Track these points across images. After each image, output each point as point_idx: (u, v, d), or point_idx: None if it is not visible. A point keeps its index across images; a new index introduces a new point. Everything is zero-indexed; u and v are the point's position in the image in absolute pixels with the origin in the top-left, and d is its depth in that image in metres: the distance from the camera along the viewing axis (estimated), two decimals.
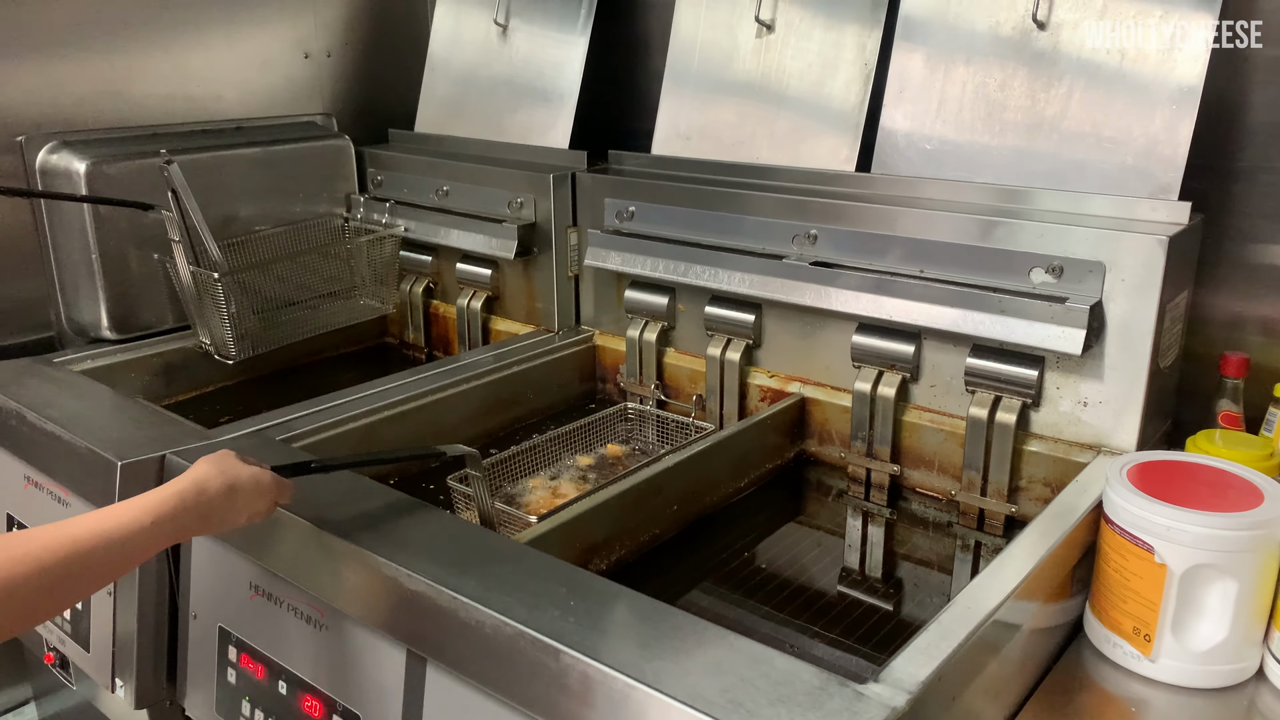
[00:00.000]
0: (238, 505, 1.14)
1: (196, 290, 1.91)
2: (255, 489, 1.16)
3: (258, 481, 1.16)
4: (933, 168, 1.67)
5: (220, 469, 1.14)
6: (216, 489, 1.12)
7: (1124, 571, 1.21)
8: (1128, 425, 1.46)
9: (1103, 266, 1.42)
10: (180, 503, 1.08)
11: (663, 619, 1.05)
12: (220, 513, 1.13)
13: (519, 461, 1.69)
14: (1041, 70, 1.58)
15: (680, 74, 2.01)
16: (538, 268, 2.09)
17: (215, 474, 1.13)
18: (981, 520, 1.59)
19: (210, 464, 1.15)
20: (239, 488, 1.14)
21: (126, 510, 1.04)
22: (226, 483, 1.13)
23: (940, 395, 1.63)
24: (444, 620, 1.08)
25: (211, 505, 1.11)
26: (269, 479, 1.18)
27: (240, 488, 1.14)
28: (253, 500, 1.16)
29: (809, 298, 1.66)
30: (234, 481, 1.13)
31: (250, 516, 1.17)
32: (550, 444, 1.75)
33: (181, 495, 1.09)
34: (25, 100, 1.90)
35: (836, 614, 1.39)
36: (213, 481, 1.12)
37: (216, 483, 1.12)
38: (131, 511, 1.04)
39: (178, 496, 1.08)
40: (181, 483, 1.11)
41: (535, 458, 1.72)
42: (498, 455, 1.66)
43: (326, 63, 2.40)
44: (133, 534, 1.03)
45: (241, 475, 1.15)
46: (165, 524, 1.06)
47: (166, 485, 1.10)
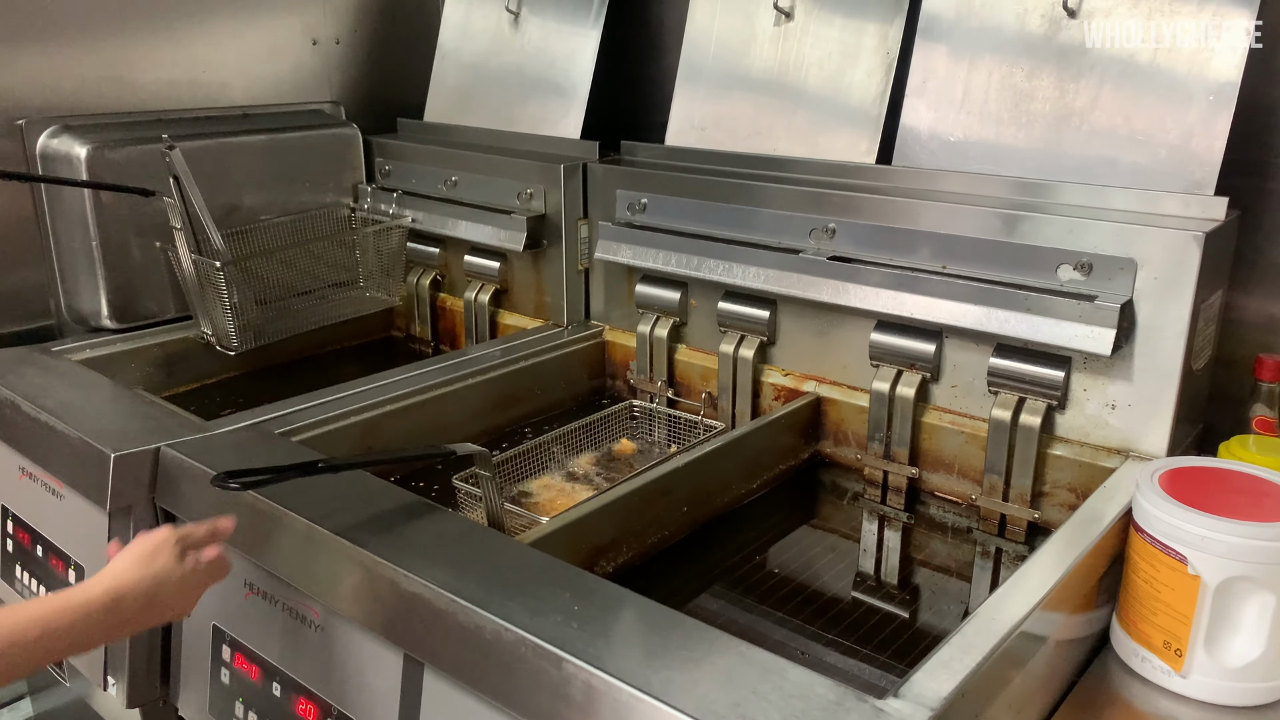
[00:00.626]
0: (155, 615, 1.06)
1: (198, 279, 1.87)
2: (181, 588, 1.07)
3: (183, 582, 1.07)
4: (956, 160, 1.62)
5: (141, 574, 1.03)
6: (134, 602, 1.02)
7: (1154, 583, 1.16)
8: (1158, 429, 1.41)
9: (1134, 263, 1.36)
10: (85, 613, 0.98)
11: (671, 626, 1.00)
12: (132, 625, 1.04)
13: (523, 461, 1.65)
14: (1071, 60, 1.53)
15: (695, 62, 1.97)
16: (547, 261, 2.05)
17: (134, 582, 1.03)
18: (1003, 526, 1.54)
19: (134, 563, 1.04)
20: (158, 598, 1.04)
21: (18, 617, 0.94)
22: (146, 593, 1.03)
23: (962, 396, 1.58)
24: (442, 624, 1.03)
25: (124, 617, 1.02)
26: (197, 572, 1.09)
27: (160, 596, 1.05)
28: (177, 600, 1.07)
29: (826, 294, 1.61)
30: (155, 592, 1.04)
31: (175, 614, 1.10)
32: (554, 443, 1.70)
33: (88, 604, 0.98)
34: (27, 84, 1.86)
35: (851, 621, 1.35)
36: (130, 594, 1.02)
37: (135, 594, 1.02)
38: (20, 620, 0.94)
39: (83, 606, 0.98)
40: (94, 588, 1.00)
41: (539, 457, 1.68)
42: (503, 454, 1.61)
43: (335, 50, 2.36)
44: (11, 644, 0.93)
45: (168, 581, 1.05)
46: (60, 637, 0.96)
47: (78, 588, 1.00)
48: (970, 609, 1.39)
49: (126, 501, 1.41)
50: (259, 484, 1.14)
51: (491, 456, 1.35)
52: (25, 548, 1.64)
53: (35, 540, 1.62)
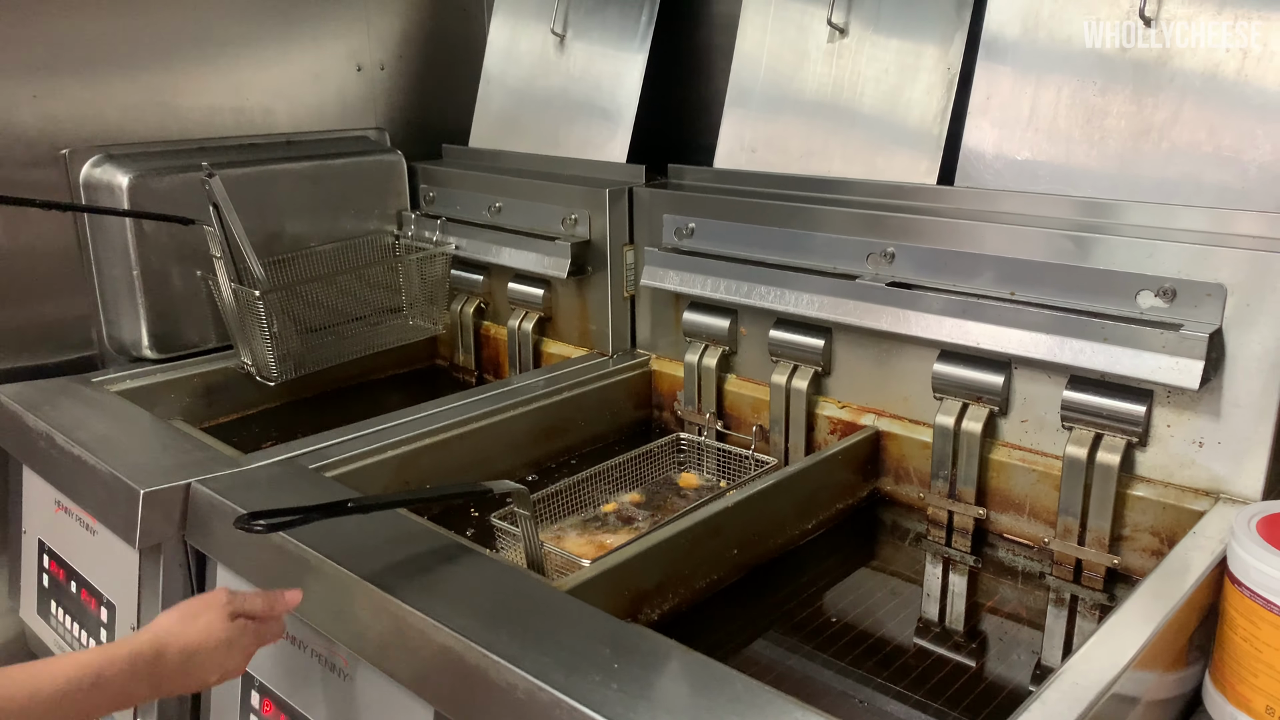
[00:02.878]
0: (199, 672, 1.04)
1: (238, 308, 1.84)
2: (224, 647, 1.05)
3: (229, 640, 1.05)
4: (1024, 180, 1.53)
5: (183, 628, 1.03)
6: (174, 658, 1.02)
7: (1254, 641, 1.06)
8: (1251, 470, 1.30)
9: (1223, 289, 1.26)
10: (131, 666, 0.98)
11: (719, 686, 0.93)
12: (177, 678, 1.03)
13: (565, 497, 1.58)
14: (1149, 73, 1.43)
15: (745, 82, 1.90)
16: (592, 288, 1.99)
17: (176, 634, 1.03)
18: (1079, 572, 1.44)
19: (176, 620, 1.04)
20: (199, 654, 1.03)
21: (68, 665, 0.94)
22: (185, 649, 1.02)
23: (1033, 431, 1.49)
24: (473, 679, 0.97)
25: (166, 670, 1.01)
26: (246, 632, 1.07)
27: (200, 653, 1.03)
28: (220, 663, 1.05)
29: (885, 321, 1.53)
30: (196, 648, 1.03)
31: (222, 676, 1.07)
32: (598, 478, 1.63)
33: (133, 657, 0.99)
34: (70, 113, 1.86)
35: (917, 673, 1.26)
36: (171, 647, 1.02)
37: (175, 648, 1.02)
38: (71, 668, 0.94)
39: (129, 659, 0.98)
40: (137, 641, 1.01)
41: (582, 493, 1.61)
42: (544, 491, 1.55)
43: (380, 76, 2.34)
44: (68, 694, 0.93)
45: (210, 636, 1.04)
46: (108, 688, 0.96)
47: (123, 640, 1.00)
48: (1044, 660, 1.30)
49: (156, 539, 1.37)
50: (285, 525, 1.08)
51: (530, 495, 1.29)
52: (60, 583, 1.61)
53: (69, 575, 1.59)
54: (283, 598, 1.12)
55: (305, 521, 1.08)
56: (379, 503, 1.18)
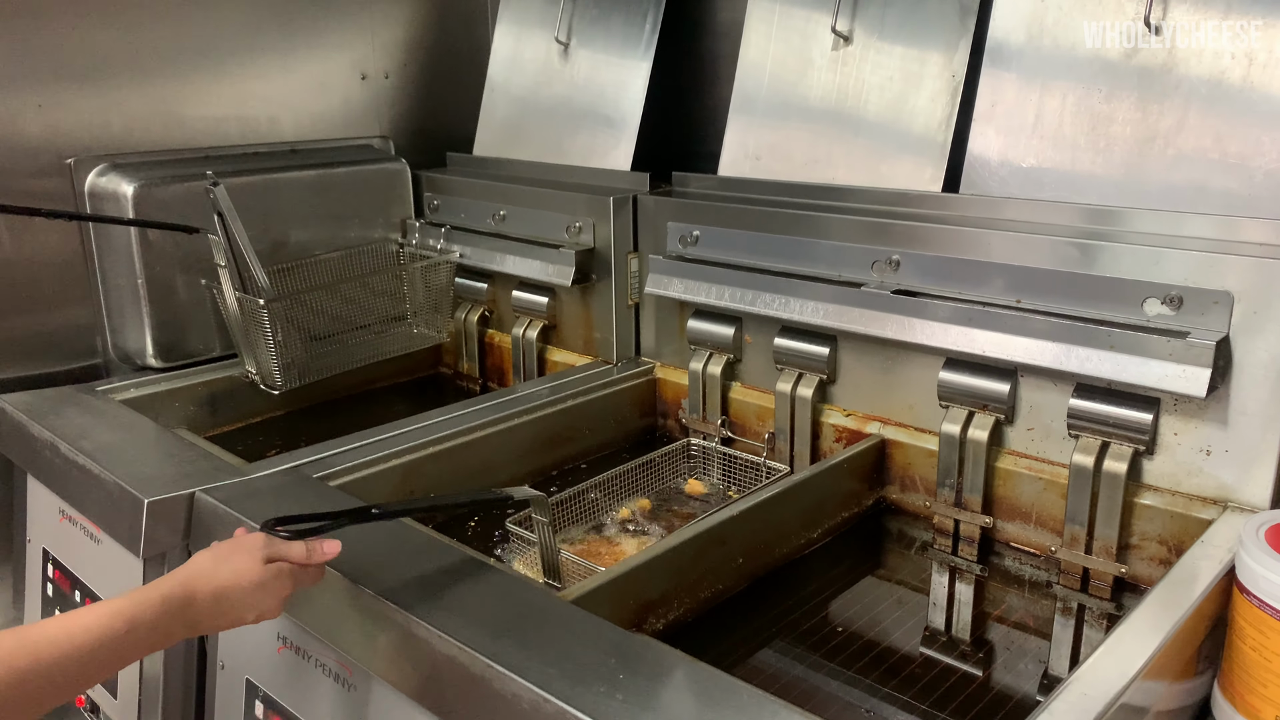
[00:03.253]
0: (233, 610, 1.03)
1: (242, 317, 1.84)
2: (257, 590, 1.03)
3: (262, 583, 1.04)
4: (1029, 188, 1.53)
5: (215, 567, 1.02)
6: (206, 595, 1.01)
7: (1264, 650, 1.05)
8: (1259, 478, 1.29)
9: (1230, 297, 1.26)
10: (164, 608, 0.97)
11: (725, 697, 0.92)
12: (210, 619, 1.02)
13: (576, 504, 1.57)
14: (1154, 80, 1.43)
15: (750, 89, 1.90)
16: (596, 296, 1.99)
17: (208, 573, 1.02)
18: (1086, 581, 1.44)
19: (209, 559, 1.03)
20: (231, 591, 1.02)
21: (100, 613, 0.94)
22: (217, 587, 1.01)
23: (1039, 440, 1.48)
24: (477, 690, 0.96)
25: (199, 612, 1.00)
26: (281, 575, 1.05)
27: (233, 590, 1.02)
28: (255, 603, 1.04)
29: (891, 329, 1.52)
30: (227, 586, 1.02)
31: (258, 616, 1.05)
32: (609, 484, 1.63)
33: (166, 600, 0.98)
34: (75, 123, 1.86)
35: (923, 682, 1.25)
36: (202, 586, 1.01)
37: (207, 586, 1.01)
38: (103, 616, 0.93)
39: (161, 601, 0.98)
40: (168, 583, 1.00)
41: (593, 499, 1.60)
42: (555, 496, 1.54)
43: (384, 84, 2.35)
44: (103, 642, 0.92)
45: (242, 578, 1.02)
46: (142, 631, 0.95)
47: (154, 583, 0.99)
48: (1051, 669, 1.29)
49: (160, 548, 1.37)
50: (309, 533, 1.08)
51: (548, 500, 1.29)
52: (64, 592, 1.61)
53: (74, 585, 1.59)
54: (321, 547, 1.10)
55: (331, 528, 1.08)
56: (403, 509, 1.17)
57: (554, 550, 1.28)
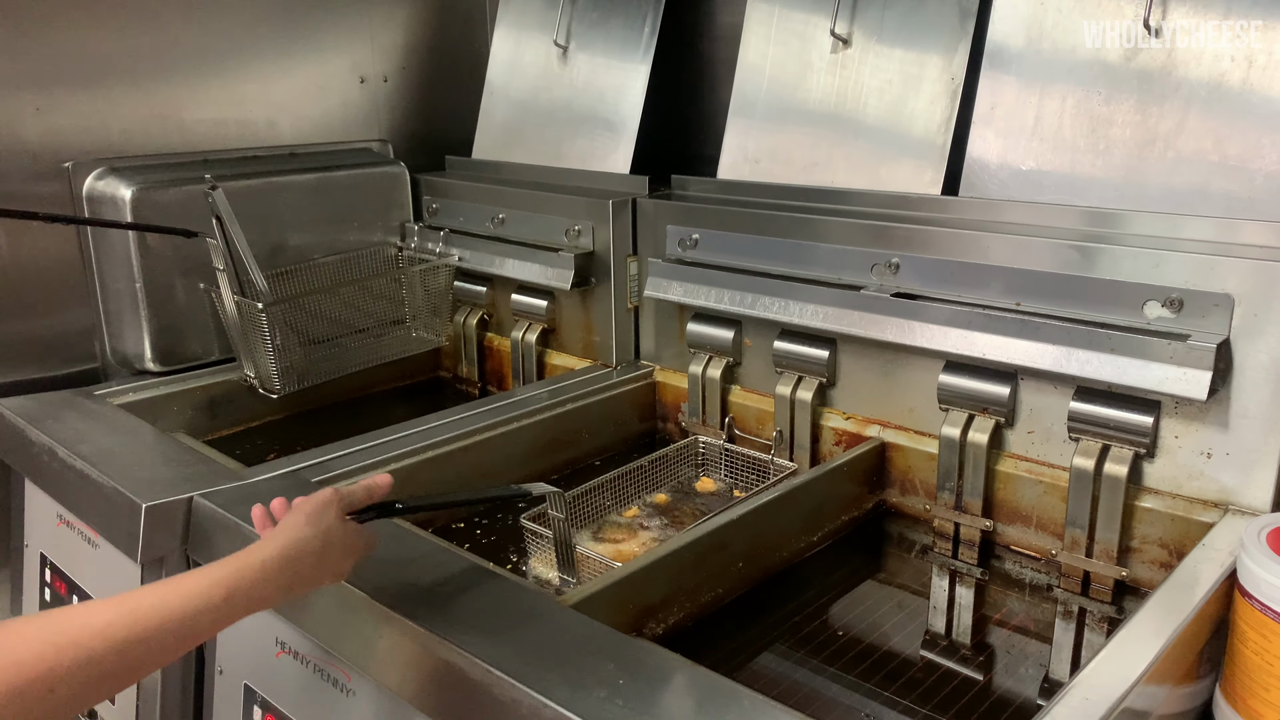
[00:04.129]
0: (326, 568, 1.02)
1: (241, 321, 1.84)
2: (345, 548, 1.04)
3: (346, 541, 1.04)
4: (1029, 190, 1.53)
5: (317, 528, 1.02)
6: (309, 556, 1.00)
7: (1266, 654, 1.05)
8: (1260, 481, 1.29)
9: (1230, 299, 1.26)
10: (262, 573, 0.96)
11: (725, 701, 0.92)
12: (307, 580, 1.01)
13: (589, 500, 1.56)
14: (1154, 82, 1.43)
15: (749, 92, 1.90)
16: (595, 299, 1.98)
17: (309, 538, 1.00)
18: (1086, 584, 1.43)
19: (307, 520, 1.02)
20: (329, 555, 1.02)
21: (198, 581, 0.92)
22: (318, 551, 1.01)
23: (1039, 443, 1.48)
24: (476, 696, 0.96)
25: (299, 574, 0.99)
26: (360, 537, 1.07)
27: (330, 554, 1.02)
28: (340, 560, 1.04)
29: (890, 332, 1.52)
30: (326, 549, 1.01)
31: (334, 577, 1.05)
32: (618, 481, 1.62)
33: (265, 564, 0.96)
34: (74, 126, 1.86)
35: (924, 686, 1.25)
36: (306, 549, 1.00)
37: (309, 550, 1.00)
38: (202, 583, 0.92)
39: (260, 566, 0.96)
40: (269, 548, 0.98)
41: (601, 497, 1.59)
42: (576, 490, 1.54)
43: (383, 88, 2.35)
44: (201, 611, 0.90)
45: (334, 535, 1.03)
46: (239, 599, 0.93)
47: (251, 549, 0.98)
48: (1052, 673, 1.29)
49: (158, 553, 1.36)
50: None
51: (564, 496, 1.29)
52: (62, 596, 1.61)
53: (71, 590, 1.58)
54: (376, 480, 1.12)
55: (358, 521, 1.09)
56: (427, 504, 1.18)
57: (570, 546, 1.28)
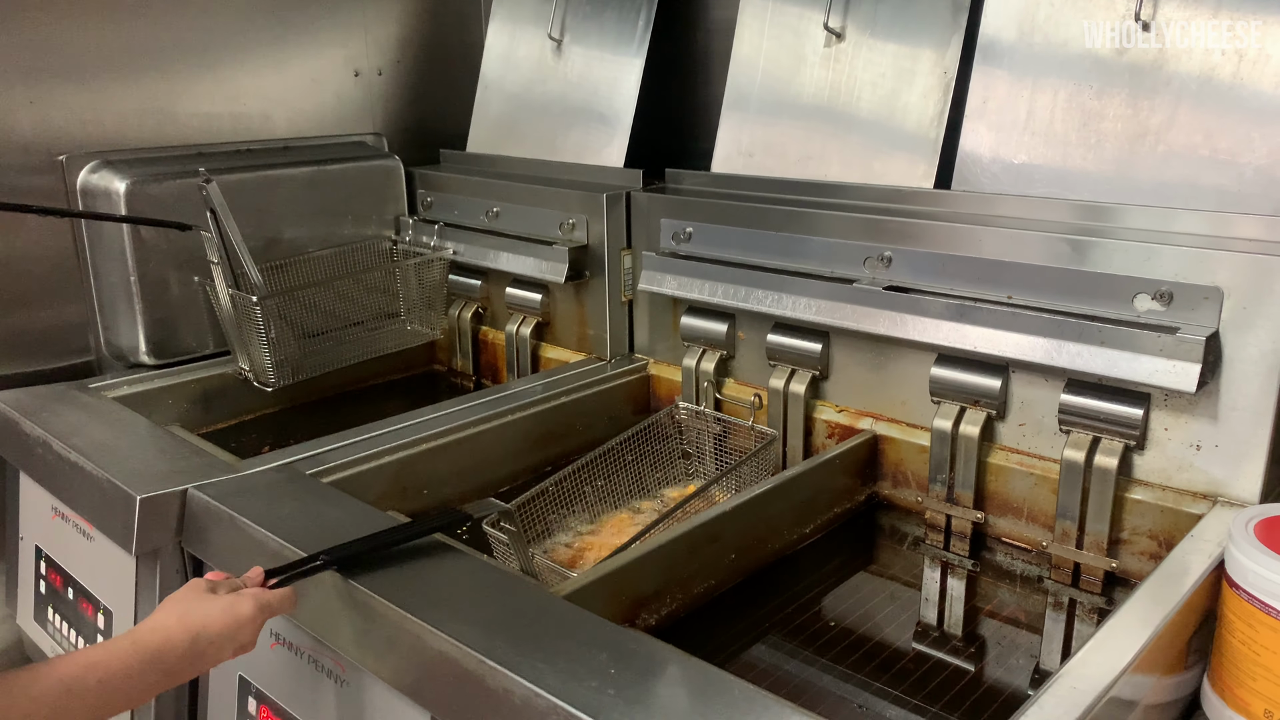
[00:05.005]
0: (210, 650, 1.00)
1: (235, 314, 1.84)
2: (231, 626, 1.01)
3: (234, 616, 1.01)
4: (1021, 184, 1.53)
5: (182, 613, 1.00)
6: (180, 639, 0.98)
7: (1252, 644, 1.06)
8: (1249, 473, 1.30)
9: (1220, 292, 1.26)
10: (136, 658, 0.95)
11: (718, 691, 0.92)
12: (189, 664, 0.99)
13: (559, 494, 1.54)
14: (1145, 76, 1.43)
15: (742, 86, 1.90)
16: (590, 292, 1.99)
17: (176, 621, 0.99)
18: (1077, 575, 1.44)
19: (173, 608, 1.01)
20: (206, 631, 1.00)
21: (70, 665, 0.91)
22: (189, 629, 0.99)
23: (1030, 435, 1.48)
24: (469, 685, 0.96)
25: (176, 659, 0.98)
26: (248, 608, 1.03)
27: (207, 631, 1.00)
28: (230, 637, 1.01)
29: (883, 325, 1.52)
30: (199, 627, 0.99)
31: (235, 652, 1.03)
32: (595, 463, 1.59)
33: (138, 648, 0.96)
34: (68, 119, 1.85)
35: (915, 677, 1.26)
36: (174, 631, 0.98)
37: (179, 631, 0.98)
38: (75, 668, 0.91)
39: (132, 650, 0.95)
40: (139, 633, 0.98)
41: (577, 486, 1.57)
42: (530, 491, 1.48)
43: (377, 81, 2.34)
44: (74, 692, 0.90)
45: (210, 616, 1.00)
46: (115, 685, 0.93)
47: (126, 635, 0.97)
48: (1042, 664, 1.30)
49: (153, 545, 1.36)
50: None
51: (515, 513, 1.28)
52: (57, 590, 1.61)
53: (66, 582, 1.58)
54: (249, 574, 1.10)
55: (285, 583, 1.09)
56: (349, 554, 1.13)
57: (528, 558, 1.28)
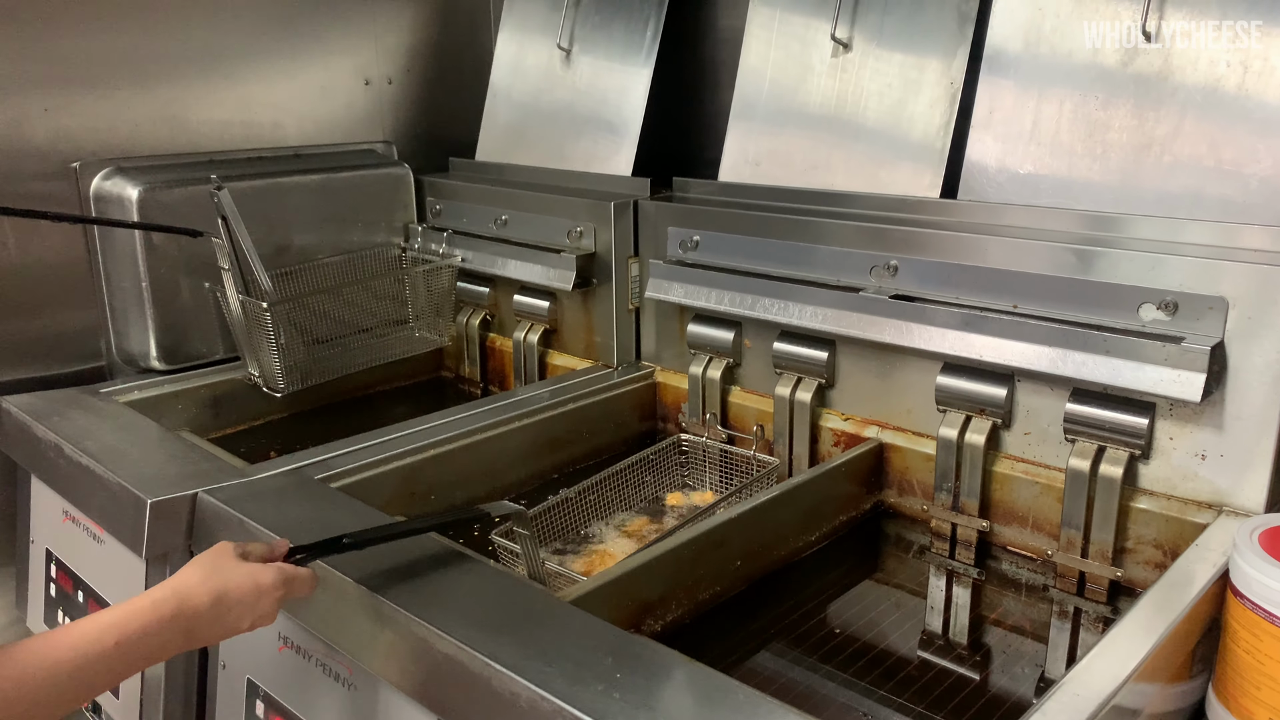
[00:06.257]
0: (230, 615, 1.00)
1: (245, 320, 1.85)
2: (252, 593, 1.01)
3: (256, 583, 1.02)
4: (1026, 194, 1.54)
5: (206, 574, 1.00)
6: (201, 599, 0.98)
7: (1257, 653, 1.06)
8: (1254, 482, 1.30)
9: (1225, 302, 1.27)
10: (155, 617, 0.95)
11: (722, 696, 0.93)
12: (207, 626, 0.99)
13: (567, 509, 1.57)
14: (1150, 87, 1.44)
15: (750, 96, 1.91)
16: (597, 300, 2.00)
17: (199, 581, 0.99)
18: (1082, 584, 1.44)
19: (197, 568, 1.01)
20: (228, 596, 0.99)
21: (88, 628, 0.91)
22: (213, 591, 0.99)
23: (1036, 444, 1.49)
24: (476, 689, 0.97)
25: (196, 619, 0.98)
26: (271, 577, 1.03)
27: (229, 595, 1.00)
28: (251, 606, 1.01)
29: (889, 334, 1.53)
30: (222, 589, 0.99)
31: (254, 622, 1.03)
32: (601, 486, 1.62)
33: (157, 607, 0.95)
34: (81, 127, 1.87)
35: (919, 685, 1.26)
36: (196, 590, 0.98)
37: (201, 591, 0.98)
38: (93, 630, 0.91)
39: (152, 610, 0.95)
40: (159, 592, 0.97)
41: (585, 503, 1.60)
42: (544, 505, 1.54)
43: (387, 90, 2.36)
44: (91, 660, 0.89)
45: (232, 580, 1.00)
46: (134, 645, 0.92)
47: (145, 594, 0.97)
48: (1047, 672, 1.30)
49: (163, 549, 1.37)
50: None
51: (529, 515, 1.29)
52: (67, 593, 1.62)
53: (76, 585, 1.59)
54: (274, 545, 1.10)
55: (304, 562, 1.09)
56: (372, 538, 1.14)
57: (538, 562, 1.29)
